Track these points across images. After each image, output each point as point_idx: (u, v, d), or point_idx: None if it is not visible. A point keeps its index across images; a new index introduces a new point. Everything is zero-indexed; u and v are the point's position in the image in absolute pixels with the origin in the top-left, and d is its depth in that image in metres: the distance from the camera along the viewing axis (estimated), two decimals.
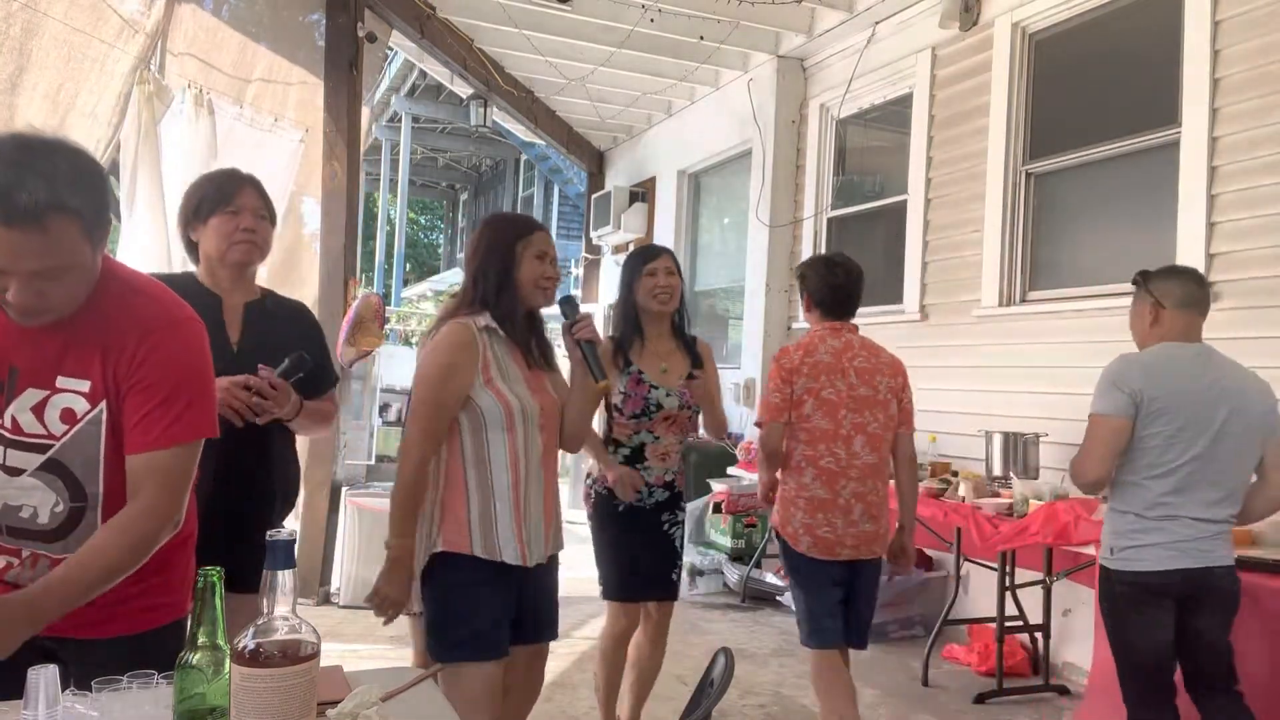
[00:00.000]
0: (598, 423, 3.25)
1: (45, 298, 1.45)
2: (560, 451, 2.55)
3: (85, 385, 1.55)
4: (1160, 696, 2.65)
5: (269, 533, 1.21)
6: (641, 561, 3.17)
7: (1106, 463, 2.69)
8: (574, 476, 8.63)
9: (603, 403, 3.15)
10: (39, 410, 1.54)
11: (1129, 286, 4.30)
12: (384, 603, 2.23)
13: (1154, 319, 2.84)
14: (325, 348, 2.54)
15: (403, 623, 4.91)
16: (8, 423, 1.54)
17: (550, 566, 2.45)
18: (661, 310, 3.15)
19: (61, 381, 1.55)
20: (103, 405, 1.56)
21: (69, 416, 1.55)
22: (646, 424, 3.12)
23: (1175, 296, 2.82)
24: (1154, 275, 2.92)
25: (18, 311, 1.48)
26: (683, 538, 3.29)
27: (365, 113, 5.93)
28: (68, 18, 3.73)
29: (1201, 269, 3.94)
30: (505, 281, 2.32)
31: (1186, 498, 2.61)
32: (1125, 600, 2.67)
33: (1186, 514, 2.60)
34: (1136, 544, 2.64)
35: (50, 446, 1.55)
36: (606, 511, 3.17)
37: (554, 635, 2.50)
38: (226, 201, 2.30)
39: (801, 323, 6.54)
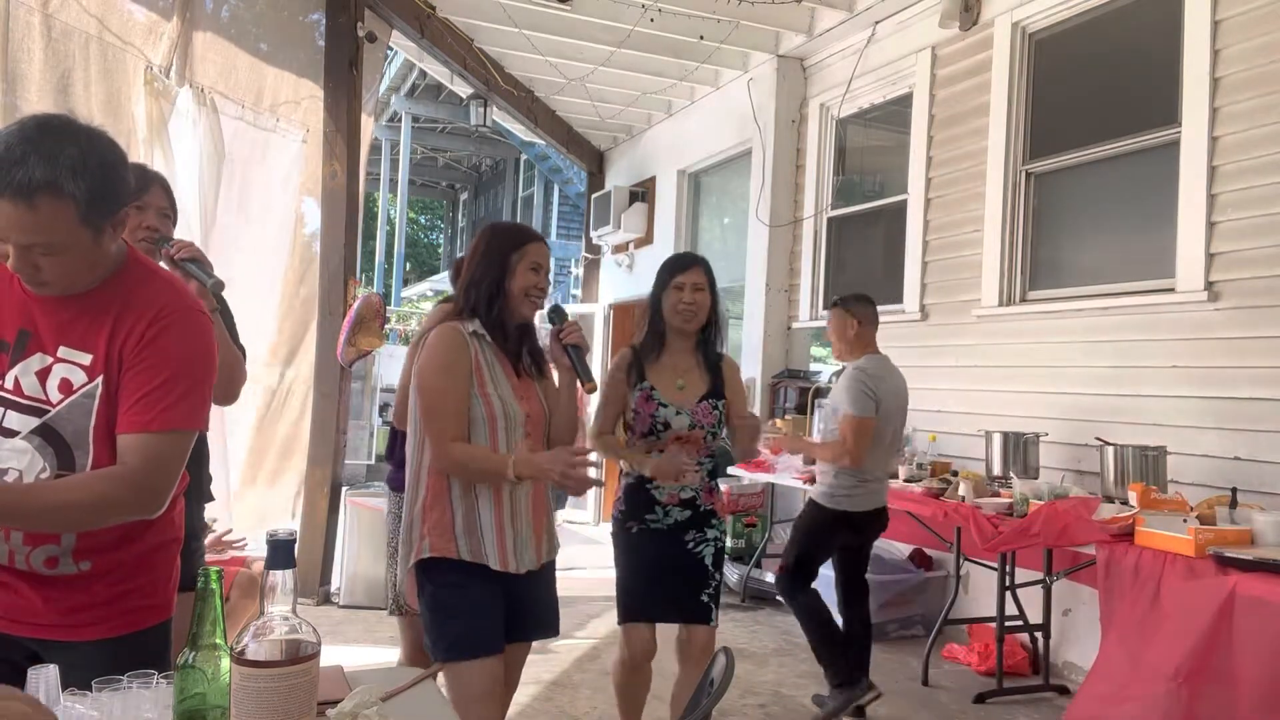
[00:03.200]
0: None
1: (40, 271, 1.50)
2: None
3: (86, 359, 1.58)
4: (810, 581, 3.97)
5: (268, 532, 1.21)
6: (658, 584, 2.94)
7: (867, 446, 3.77)
8: None
9: (621, 419, 3.05)
10: (42, 376, 1.57)
11: (1129, 286, 4.34)
12: (568, 477, 2.18)
13: (855, 333, 3.94)
14: (232, 321, 2.57)
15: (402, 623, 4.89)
16: (9, 384, 1.57)
17: (545, 569, 2.45)
18: (684, 328, 3.00)
19: (63, 352, 1.58)
20: (100, 380, 1.57)
21: (65, 387, 1.57)
22: (657, 444, 2.94)
23: (867, 315, 3.97)
24: (847, 300, 4.02)
25: (26, 280, 1.54)
26: (716, 556, 3.00)
27: (367, 120, 5.93)
28: (94, 29, 3.81)
29: (1201, 268, 3.95)
30: (497, 291, 2.33)
31: (882, 462, 3.92)
32: (827, 527, 3.94)
33: (880, 472, 3.92)
34: (852, 494, 3.87)
35: (46, 411, 1.57)
36: (620, 533, 3.01)
37: (554, 632, 2.50)
38: (134, 197, 2.29)
39: (801, 323, 6.56)
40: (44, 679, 1.17)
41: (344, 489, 5.50)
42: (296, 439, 5.59)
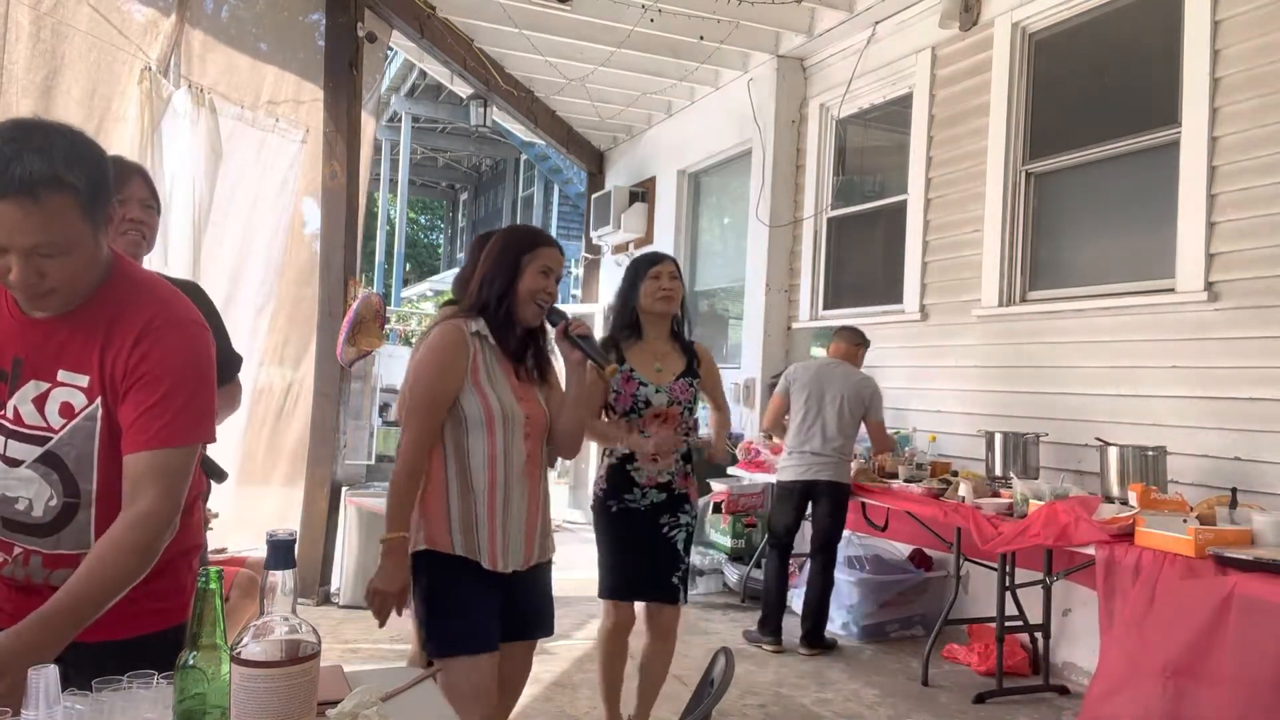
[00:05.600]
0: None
1: (46, 278, 1.44)
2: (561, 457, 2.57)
3: (84, 380, 1.55)
4: (782, 549, 4.89)
5: (268, 532, 1.21)
6: (634, 562, 3.18)
7: (775, 420, 4.92)
8: (573, 478, 8.64)
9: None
10: (40, 402, 1.54)
11: (1129, 286, 4.34)
12: (377, 597, 2.23)
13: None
14: (224, 331, 2.50)
15: (402, 623, 4.90)
16: (10, 414, 1.54)
17: (540, 568, 2.46)
18: (665, 311, 3.23)
19: (62, 375, 1.55)
20: (98, 401, 1.55)
21: (67, 410, 1.55)
22: (637, 422, 3.15)
23: (837, 336, 5.04)
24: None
25: (21, 294, 1.49)
26: (687, 541, 3.24)
27: (369, 121, 5.93)
28: (91, 27, 3.80)
29: (1201, 269, 3.95)
30: (507, 291, 2.35)
31: (809, 441, 4.72)
32: (776, 495, 5.00)
33: (808, 449, 4.72)
34: (784, 465, 4.84)
35: (48, 439, 1.55)
36: (601, 512, 3.22)
37: (549, 631, 2.51)
38: (114, 190, 2.28)
39: (801, 323, 6.55)
40: (43, 679, 1.17)
41: (344, 489, 5.50)
42: (305, 440, 5.60)
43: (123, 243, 2.23)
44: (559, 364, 2.56)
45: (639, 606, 3.28)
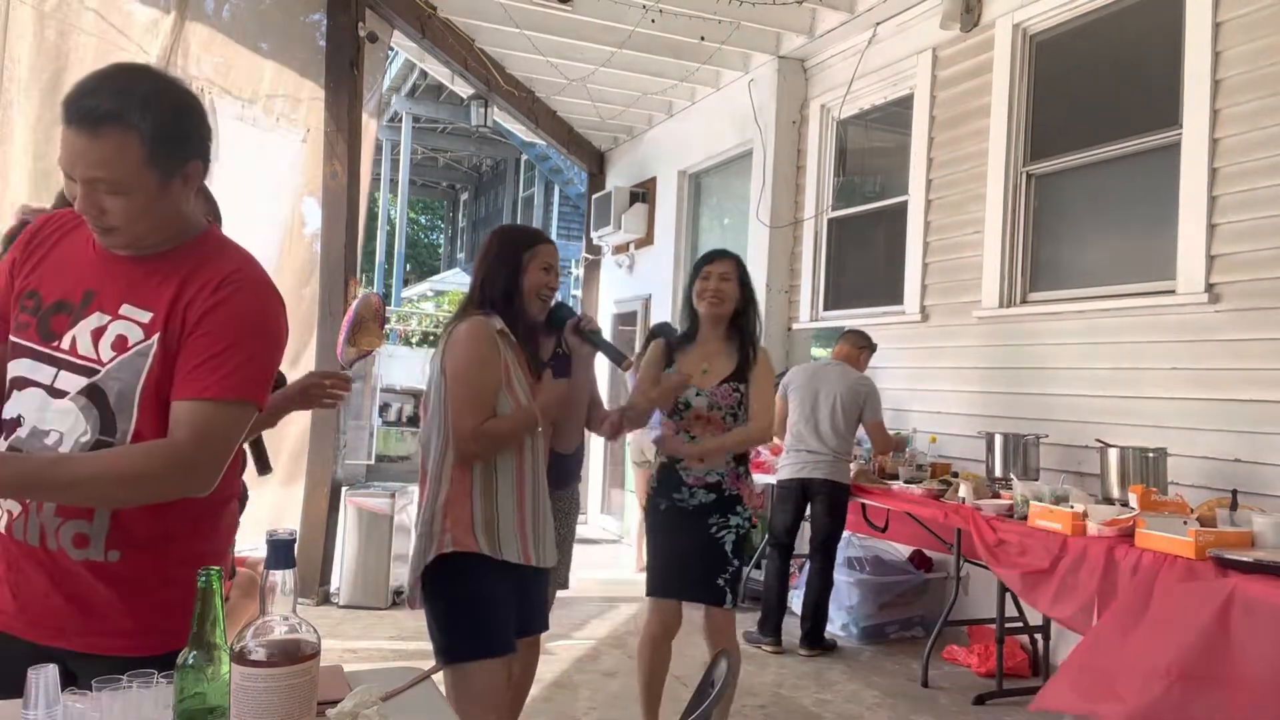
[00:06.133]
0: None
1: (105, 215, 1.46)
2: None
3: (146, 316, 1.52)
4: (782, 549, 4.97)
5: (268, 532, 1.21)
6: (682, 562, 3.15)
7: (779, 421, 4.84)
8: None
9: None
10: (97, 335, 1.53)
11: (1130, 288, 4.34)
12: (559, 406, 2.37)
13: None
14: None
15: (402, 623, 4.90)
16: (66, 344, 1.53)
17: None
18: (712, 312, 3.21)
19: (125, 309, 1.53)
20: (156, 338, 1.52)
21: (120, 344, 1.52)
22: (682, 424, 3.16)
23: (841, 339, 5.16)
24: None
25: (93, 226, 1.51)
26: (736, 543, 3.17)
27: (370, 121, 5.93)
28: (94, 27, 3.80)
29: (1202, 270, 3.95)
30: (512, 287, 2.36)
31: (804, 439, 4.81)
32: (775, 495, 5.07)
33: (804, 448, 4.81)
34: (782, 464, 4.96)
35: (96, 371, 1.51)
36: (652, 509, 3.23)
37: (545, 626, 2.57)
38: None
39: (802, 324, 6.55)
40: (43, 679, 1.16)
41: (344, 489, 5.50)
42: (302, 439, 5.59)
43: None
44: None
45: (697, 614, 3.22)
